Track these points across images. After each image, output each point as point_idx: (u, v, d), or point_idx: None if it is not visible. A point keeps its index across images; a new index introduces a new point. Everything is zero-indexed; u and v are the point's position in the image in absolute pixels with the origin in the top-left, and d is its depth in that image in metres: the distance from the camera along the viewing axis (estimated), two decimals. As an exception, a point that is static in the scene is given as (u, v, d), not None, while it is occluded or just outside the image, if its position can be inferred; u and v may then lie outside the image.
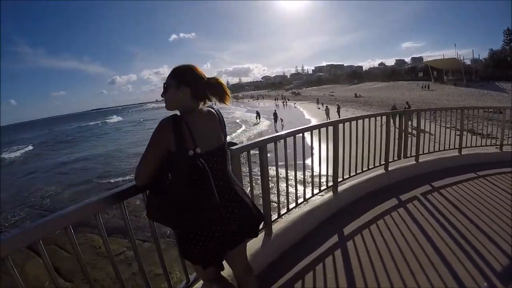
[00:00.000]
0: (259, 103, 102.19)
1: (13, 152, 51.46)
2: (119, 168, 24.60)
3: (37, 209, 17.21)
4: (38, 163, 34.12)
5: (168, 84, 2.04)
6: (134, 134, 56.44)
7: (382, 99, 56.32)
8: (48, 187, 21.74)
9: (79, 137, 65.29)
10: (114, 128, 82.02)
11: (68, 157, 35.81)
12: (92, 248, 11.78)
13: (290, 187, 9.05)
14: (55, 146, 53.86)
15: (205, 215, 1.92)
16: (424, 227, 4.15)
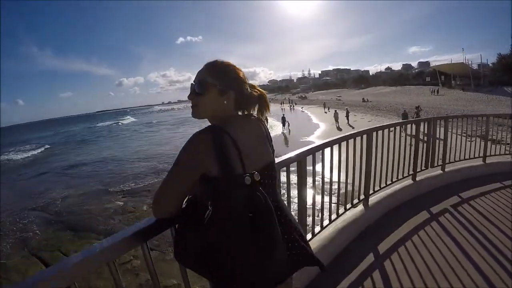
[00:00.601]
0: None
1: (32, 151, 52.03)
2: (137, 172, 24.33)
3: (46, 213, 16.98)
4: (53, 164, 33.93)
5: (208, 84, 1.60)
6: (152, 135, 55.99)
7: (391, 104, 55.86)
8: (59, 190, 21.61)
9: (96, 138, 64.76)
10: (130, 129, 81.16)
11: (82, 158, 35.48)
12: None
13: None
14: (70, 146, 53.71)
15: (265, 268, 1.40)
16: (460, 242, 3.95)
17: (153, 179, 20.92)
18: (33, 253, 12.42)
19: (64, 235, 13.74)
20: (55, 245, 12.77)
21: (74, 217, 15.89)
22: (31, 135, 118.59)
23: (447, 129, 6.38)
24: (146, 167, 25.30)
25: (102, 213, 15.83)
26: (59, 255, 11.83)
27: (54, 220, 15.93)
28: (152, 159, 29.09)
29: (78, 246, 12.32)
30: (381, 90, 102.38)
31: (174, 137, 45.47)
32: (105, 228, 13.73)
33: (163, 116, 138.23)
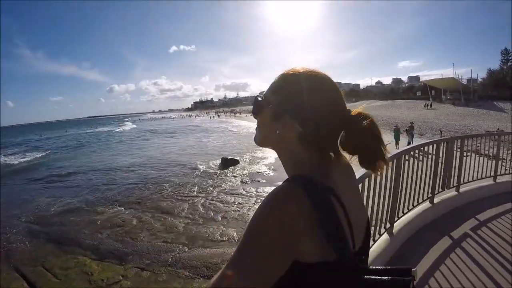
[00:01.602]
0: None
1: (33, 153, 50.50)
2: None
3: (33, 224, 16.19)
4: (47, 171, 32.62)
5: (261, 101, 1.14)
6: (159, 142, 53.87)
7: (383, 118, 55.76)
8: (48, 199, 20.61)
9: (103, 144, 61.17)
10: (137, 136, 77.03)
11: (82, 165, 33.79)
12: (83, 274, 10.64)
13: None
14: (70, 151, 51.09)
15: None
16: (486, 268, 3.74)
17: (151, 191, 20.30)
18: (16, 268, 11.69)
19: (49, 249, 12.99)
20: (38, 260, 12.02)
21: (60, 229, 15.19)
22: (27, 137, 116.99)
23: (463, 148, 6.08)
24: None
25: (89, 225, 15.13)
26: (43, 271, 11.12)
27: (39, 231, 15.15)
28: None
29: (63, 261, 11.67)
30: (372, 104, 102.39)
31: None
32: (91, 243, 13.00)
33: (162, 123, 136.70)
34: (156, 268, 10.46)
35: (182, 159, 32.28)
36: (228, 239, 12.14)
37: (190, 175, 23.64)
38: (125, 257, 11.42)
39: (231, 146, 40.03)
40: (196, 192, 18.69)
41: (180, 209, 16.01)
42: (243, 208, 15.20)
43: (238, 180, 20.97)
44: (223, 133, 63.61)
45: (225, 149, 37.80)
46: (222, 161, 26.06)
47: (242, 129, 67.63)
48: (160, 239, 12.70)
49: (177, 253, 11.36)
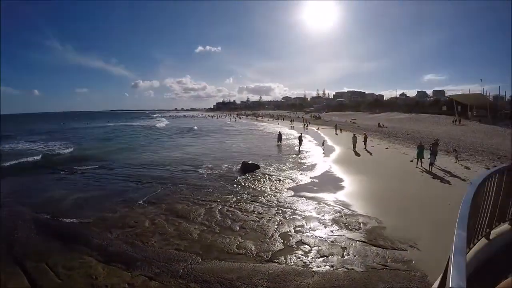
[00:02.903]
0: (279, 123, 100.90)
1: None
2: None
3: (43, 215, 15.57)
4: (76, 162, 32.15)
5: None
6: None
7: (407, 131, 54.55)
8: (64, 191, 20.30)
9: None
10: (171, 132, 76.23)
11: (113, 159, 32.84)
12: (87, 277, 9.93)
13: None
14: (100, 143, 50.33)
15: None
16: None
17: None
18: (18, 261, 11.14)
19: (55, 244, 12.40)
20: (42, 256, 11.45)
21: (69, 223, 14.64)
22: (72, 126, 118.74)
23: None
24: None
25: (100, 223, 14.48)
26: (45, 269, 10.51)
27: (48, 224, 14.69)
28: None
29: (68, 260, 11.03)
30: (396, 116, 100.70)
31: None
32: (100, 242, 12.31)
33: (194, 121, 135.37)
34: (166, 279, 9.63)
35: (204, 159, 31.81)
36: (245, 252, 11.20)
37: (210, 178, 22.92)
38: (133, 263, 10.68)
39: (257, 150, 39.18)
40: (214, 197, 17.86)
41: (196, 214, 15.22)
42: (262, 219, 14.24)
43: (259, 186, 20.07)
44: (253, 135, 63.54)
45: (252, 151, 37.24)
46: (243, 166, 25.18)
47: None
48: (172, 246, 11.89)
49: (190, 264, 10.51)
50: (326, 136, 51.42)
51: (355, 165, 26.22)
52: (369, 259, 10.39)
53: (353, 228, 12.87)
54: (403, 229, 12.47)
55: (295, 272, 9.79)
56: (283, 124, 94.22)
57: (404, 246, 11.10)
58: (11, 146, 48.79)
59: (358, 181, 20.50)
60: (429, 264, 9.67)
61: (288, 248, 11.46)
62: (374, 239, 11.79)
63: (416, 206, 15.28)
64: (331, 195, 17.61)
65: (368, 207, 15.35)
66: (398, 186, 18.91)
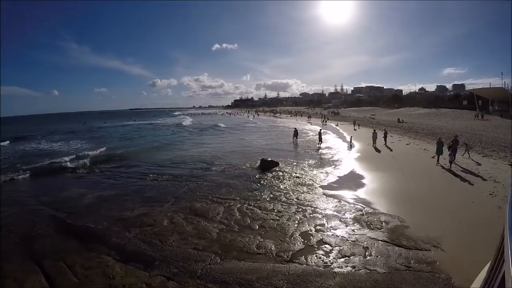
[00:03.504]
0: (297, 119, 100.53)
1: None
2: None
3: (61, 213, 15.62)
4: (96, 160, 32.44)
5: None
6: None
7: (427, 126, 53.64)
8: (83, 189, 20.44)
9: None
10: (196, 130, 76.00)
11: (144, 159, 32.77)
12: (104, 277, 9.86)
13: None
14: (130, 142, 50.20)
15: None
16: None
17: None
18: (36, 260, 11.20)
19: (73, 243, 12.44)
20: (60, 254, 11.48)
21: (88, 222, 14.60)
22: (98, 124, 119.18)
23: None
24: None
25: (118, 222, 14.44)
26: (63, 268, 10.52)
27: (66, 223, 14.75)
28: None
29: (85, 259, 11.04)
30: (416, 111, 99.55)
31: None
32: (118, 242, 12.29)
33: (215, 118, 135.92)
34: (184, 280, 9.50)
35: (223, 156, 31.88)
36: (265, 252, 11.00)
37: (229, 175, 22.79)
38: (151, 262, 10.61)
39: (276, 146, 39.07)
40: (233, 195, 17.69)
41: (215, 212, 15.08)
42: (282, 217, 14.01)
43: (278, 184, 19.81)
44: (272, 131, 63.47)
45: (271, 148, 37.21)
46: (262, 163, 24.91)
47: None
48: (190, 245, 11.77)
49: (208, 264, 10.37)
50: (345, 132, 51.04)
51: (375, 161, 25.86)
52: (392, 259, 10.12)
53: (375, 227, 12.57)
54: (426, 228, 12.13)
55: (316, 272, 9.57)
56: (301, 120, 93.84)
57: (428, 246, 10.79)
58: (33, 146, 49.39)
59: (379, 178, 20.16)
60: (454, 266, 9.42)
61: (308, 247, 11.23)
62: (396, 238, 11.50)
63: (439, 204, 14.88)
64: (352, 192, 17.33)
65: (390, 205, 15.03)
66: (420, 183, 18.47)
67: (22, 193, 20.40)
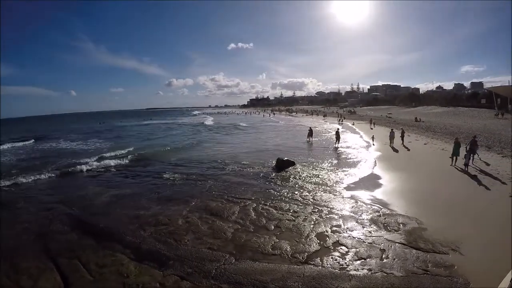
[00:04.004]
0: (313, 118, 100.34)
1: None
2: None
3: (78, 210, 15.74)
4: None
5: None
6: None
7: (445, 125, 52.89)
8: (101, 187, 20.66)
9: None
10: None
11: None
12: (119, 275, 9.89)
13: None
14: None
15: None
16: None
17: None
18: (51, 257, 11.31)
19: (88, 241, 12.53)
20: (75, 252, 11.58)
21: (103, 220, 14.73)
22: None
23: None
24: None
25: (134, 220, 14.53)
26: (77, 265, 10.60)
27: (82, 221, 14.88)
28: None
29: (100, 257, 11.11)
30: (433, 110, 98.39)
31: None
32: (133, 240, 12.33)
33: (232, 118, 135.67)
34: (198, 279, 9.46)
35: (239, 155, 31.83)
36: (280, 253, 10.88)
37: (245, 175, 22.73)
38: (165, 262, 10.61)
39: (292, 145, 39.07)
40: (249, 195, 17.59)
41: (230, 212, 15.01)
42: (298, 218, 13.87)
43: (294, 184, 19.65)
44: (288, 130, 63.68)
45: (287, 146, 37.10)
46: (278, 162, 24.76)
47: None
48: (205, 245, 11.73)
49: (223, 264, 10.31)
50: (361, 131, 50.74)
51: (393, 161, 25.56)
52: (409, 263, 9.92)
53: (392, 229, 12.37)
54: (444, 231, 11.90)
55: (331, 275, 9.43)
56: (317, 119, 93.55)
57: (446, 249, 10.57)
58: (53, 145, 50.06)
59: (397, 178, 19.89)
60: (473, 270, 9.23)
61: (324, 249, 11.08)
62: (414, 241, 11.28)
63: (457, 206, 14.59)
64: (369, 193, 17.12)
65: (407, 206, 14.79)
66: (438, 184, 18.19)
67: (39, 191, 20.70)
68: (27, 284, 9.71)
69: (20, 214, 16.16)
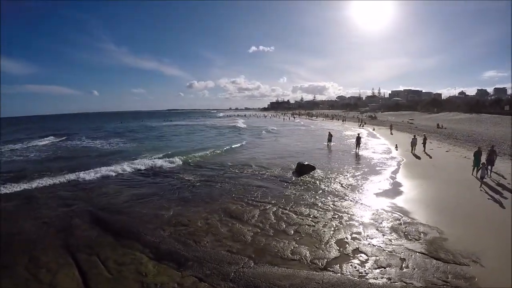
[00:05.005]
0: (334, 123, 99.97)
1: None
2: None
3: (99, 209, 15.92)
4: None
5: None
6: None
7: (468, 132, 52.03)
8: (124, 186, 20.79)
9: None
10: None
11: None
12: (137, 274, 9.99)
13: None
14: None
15: None
16: None
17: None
18: (70, 252, 11.54)
19: (108, 239, 12.73)
20: (94, 248, 11.80)
21: (123, 219, 14.99)
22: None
23: None
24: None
25: (154, 220, 14.70)
26: (97, 262, 10.79)
27: (102, 218, 15.11)
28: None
29: (119, 255, 11.27)
30: (455, 117, 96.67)
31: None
32: (152, 240, 12.47)
33: (261, 121, 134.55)
34: (216, 282, 9.50)
35: (259, 158, 31.76)
36: (299, 258, 10.83)
37: (265, 178, 22.67)
38: (184, 262, 10.67)
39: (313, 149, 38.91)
40: (269, 198, 17.58)
41: (250, 215, 15.03)
42: (318, 223, 13.80)
43: (314, 189, 19.53)
44: (308, 134, 63.35)
45: (307, 150, 36.97)
46: (298, 167, 24.66)
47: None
48: (224, 247, 11.77)
49: (241, 267, 10.31)
50: (382, 137, 50.27)
51: (414, 168, 25.15)
52: (429, 273, 9.76)
53: (413, 238, 12.18)
54: (466, 241, 11.68)
55: (350, 283, 9.34)
56: (337, 124, 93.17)
57: (467, 260, 10.37)
58: (77, 143, 51.40)
59: (418, 186, 19.58)
60: (493, 283, 9.07)
61: (344, 256, 10.98)
62: (435, 251, 11.10)
63: (479, 216, 14.32)
64: (390, 200, 16.91)
65: (429, 215, 14.56)
66: (460, 193, 17.80)
67: (60, 187, 21.14)
68: (46, 278, 9.90)
69: (41, 209, 16.55)
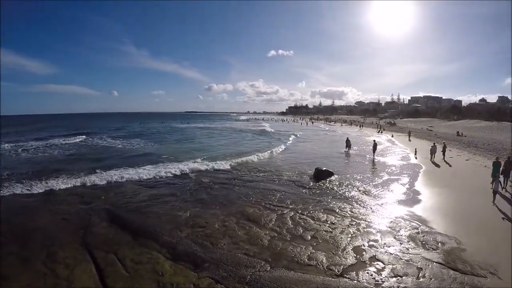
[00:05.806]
0: (351, 128, 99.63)
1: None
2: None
3: (117, 207, 16.14)
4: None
5: None
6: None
7: (489, 141, 51.15)
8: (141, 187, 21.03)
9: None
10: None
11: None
12: (153, 273, 10.12)
13: None
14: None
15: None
16: None
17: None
18: (88, 249, 11.75)
19: (125, 237, 12.91)
20: (112, 246, 11.97)
21: (141, 218, 15.20)
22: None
23: None
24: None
25: (171, 220, 14.86)
26: (114, 260, 10.96)
27: (120, 217, 15.32)
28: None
29: (136, 254, 11.43)
30: (475, 124, 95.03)
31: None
32: (169, 240, 12.61)
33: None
34: (232, 284, 9.58)
35: (279, 163, 31.69)
36: (316, 264, 10.83)
37: (283, 183, 22.58)
38: (201, 264, 10.77)
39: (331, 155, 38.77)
40: (286, 203, 17.55)
41: (268, 219, 15.04)
42: (335, 229, 13.76)
43: (332, 195, 19.44)
44: (326, 139, 63.03)
45: (326, 156, 36.99)
46: (316, 172, 24.59)
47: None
48: (241, 250, 11.83)
49: (258, 271, 10.37)
50: (401, 143, 49.76)
51: (433, 177, 24.82)
52: (446, 284, 9.69)
53: (430, 248, 12.07)
54: (484, 253, 11.53)
55: (366, 290, 9.29)
56: (355, 130, 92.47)
57: (484, 272, 10.26)
58: (99, 142, 52.23)
59: (437, 194, 19.35)
60: (510, 296, 8.92)
61: (360, 263, 10.95)
62: (452, 261, 10.98)
63: (498, 228, 14.15)
64: (408, 208, 16.77)
65: (447, 224, 14.41)
66: (479, 203, 17.51)
67: (81, 186, 21.44)
68: (63, 273, 10.10)
69: (60, 206, 16.88)
